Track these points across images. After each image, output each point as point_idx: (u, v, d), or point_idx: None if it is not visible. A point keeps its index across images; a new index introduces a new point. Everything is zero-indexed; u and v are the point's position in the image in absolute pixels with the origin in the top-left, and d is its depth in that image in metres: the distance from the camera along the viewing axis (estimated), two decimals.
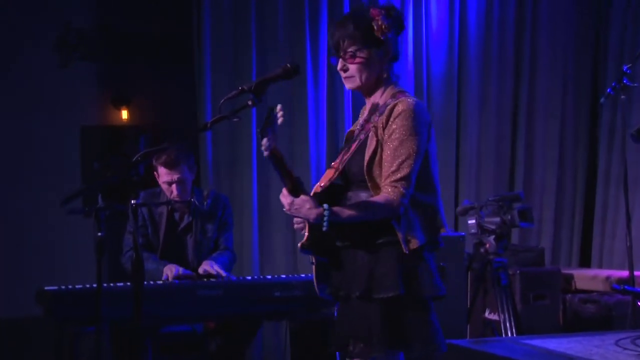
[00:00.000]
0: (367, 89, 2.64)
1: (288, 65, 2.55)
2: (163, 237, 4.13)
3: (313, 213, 2.43)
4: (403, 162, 2.48)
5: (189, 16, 5.74)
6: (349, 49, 2.56)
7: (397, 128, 2.50)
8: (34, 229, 6.05)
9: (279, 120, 2.41)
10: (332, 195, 2.57)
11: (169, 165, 4.00)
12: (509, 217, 4.41)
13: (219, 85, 5.56)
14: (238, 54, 5.63)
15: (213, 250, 4.19)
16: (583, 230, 6.38)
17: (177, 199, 4.03)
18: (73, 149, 6.26)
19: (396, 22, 2.61)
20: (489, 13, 6.16)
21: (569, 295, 5.27)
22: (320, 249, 2.58)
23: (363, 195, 2.53)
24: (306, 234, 2.53)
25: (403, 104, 2.51)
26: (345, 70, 2.59)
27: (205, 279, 3.90)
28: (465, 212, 4.61)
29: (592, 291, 5.29)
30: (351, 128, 2.75)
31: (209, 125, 2.54)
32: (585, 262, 6.32)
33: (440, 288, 2.57)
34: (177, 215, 4.18)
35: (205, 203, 4.12)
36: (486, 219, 4.47)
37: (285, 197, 2.47)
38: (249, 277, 4.33)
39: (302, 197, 2.45)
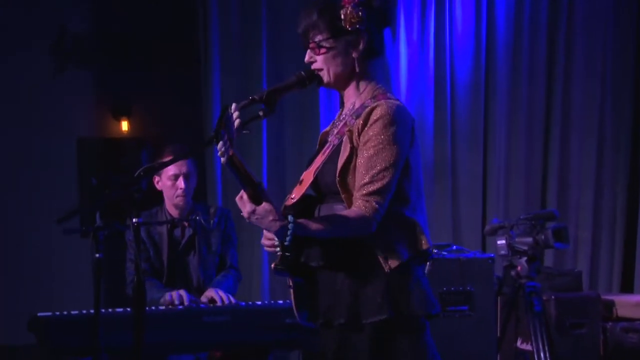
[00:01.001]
0: (339, 84, 2.56)
1: (303, 73, 2.53)
2: (167, 258, 4.17)
3: (276, 225, 2.34)
4: (378, 173, 2.39)
5: (195, 17, 5.78)
6: (314, 39, 2.51)
7: (373, 135, 2.41)
8: (27, 250, 6.08)
9: (236, 123, 2.35)
10: (305, 209, 2.49)
11: (180, 156, 4.06)
12: (542, 237, 4.39)
13: (228, 94, 5.59)
14: (248, 58, 5.66)
15: (219, 267, 4.23)
16: (624, 251, 6.32)
17: (181, 196, 4.11)
18: (69, 164, 6.29)
19: (376, 14, 2.51)
20: (519, 13, 6.15)
21: (610, 323, 5.21)
22: (297, 269, 2.50)
23: (337, 209, 2.45)
24: (279, 253, 2.45)
25: (382, 108, 2.43)
26: (313, 62, 2.53)
27: (211, 304, 3.91)
28: (494, 232, 4.59)
29: (635, 319, 5.24)
30: (325, 129, 2.67)
31: (216, 138, 2.54)
32: (627, 287, 6.26)
33: (434, 305, 2.47)
34: (177, 232, 4.21)
35: (211, 222, 4.14)
36: (517, 239, 4.45)
37: (244, 204, 2.37)
38: (259, 302, 4.33)
39: (265, 205, 2.34)
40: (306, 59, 2.55)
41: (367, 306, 2.42)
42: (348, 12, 2.47)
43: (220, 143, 2.28)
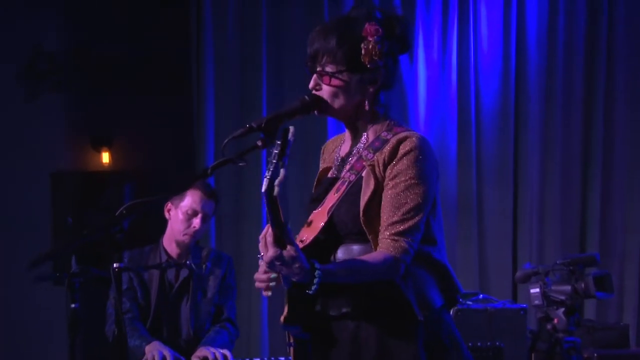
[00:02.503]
0: (344, 116, 2.61)
1: (307, 97, 2.56)
2: (155, 301, 4.17)
3: (302, 272, 2.34)
4: (408, 211, 2.45)
5: (187, 36, 5.82)
6: (326, 68, 2.54)
7: (404, 169, 2.47)
8: None
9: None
10: (316, 253, 2.49)
11: (207, 192, 4.17)
12: (582, 284, 4.37)
13: (223, 121, 5.61)
14: (246, 81, 5.70)
15: (214, 318, 4.22)
16: None
17: (190, 235, 4.15)
18: (42, 201, 6.29)
19: (398, 43, 2.57)
20: (553, 34, 6.19)
21: None
22: (309, 321, 2.51)
23: (357, 251, 2.51)
24: (286, 305, 2.47)
25: (411, 141, 2.50)
26: (318, 89, 2.57)
27: None
28: (527, 279, 4.57)
29: None
30: (323, 166, 2.72)
31: (209, 170, 2.54)
32: None
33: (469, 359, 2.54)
34: (170, 273, 4.23)
35: (204, 266, 4.16)
36: (553, 288, 4.43)
37: (268, 247, 2.34)
38: (257, 359, 4.32)
39: (290, 249, 2.33)
40: (311, 84, 2.59)
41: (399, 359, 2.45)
42: (370, 46, 2.52)
43: (283, 171, 2.33)
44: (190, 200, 4.16)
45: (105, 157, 6.54)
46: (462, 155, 6.06)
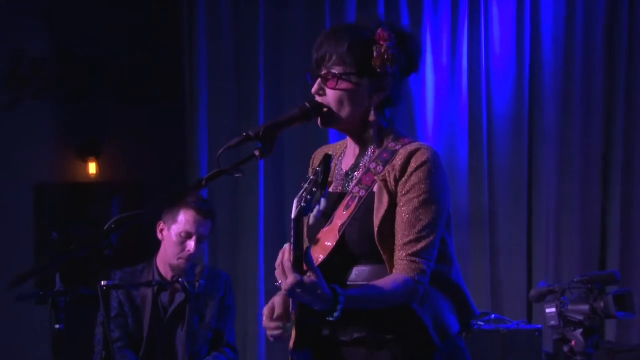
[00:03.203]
0: (347, 126, 2.62)
1: (307, 104, 2.57)
2: (148, 327, 4.15)
3: (324, 299, 2.34)
4: (424, 228, 2.48)
5: (179, 40, 5.83)
6: (333, 69, 2.56)
7: (416, 183, 2.50)
8: None
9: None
10: (326, 275, 2.47)
11: (202, 211, 4.11)
12: (602, 304, 4.37)
13: (217, 130, 5.62)
14: (242, 88, 5.70)
15: (212, 343, 4.20)
16: None
17: (184, 259, 4.09)
18: (24, 214, 6.31)
19: (409, 56, 2.61)
20: (570, 34, 6.19)
21: None
22: (316, 346, 2.51)
23: (371, 272, 2.52)
24: (293, 329, 2.47)
25: (423, 152, 2.52)
26: (321, 94, 2.58)
27: None
28: (542, 297, 4.57)
29: None
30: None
31: (203, 182, 2.54)
32: None
33: None
34: (165, 297, 4.20)
35: (197, 284, 4.13)
36: (570, 307, 4.43)
37: (287, 273, 2.33)
38: None
39: (312, 276, 2.33)
40: (314, 88, 2.59)
41: None
42: (382, 50, 2.55)
43: (324, 200, 2.35)
44: (183, 221, 4.10)
45: (92, 168, 6.55)
46: (473, 165, 6.06)
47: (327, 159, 2.39)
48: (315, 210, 2.36)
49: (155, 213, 3.92)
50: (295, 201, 2.39)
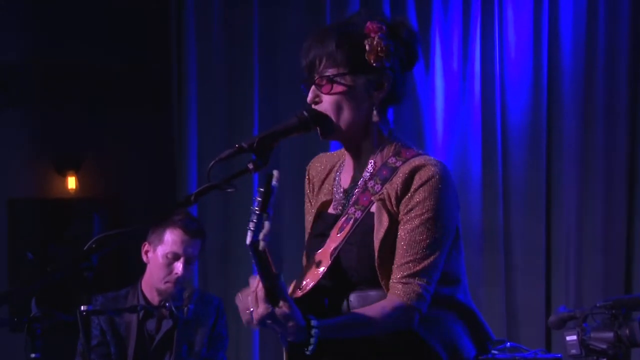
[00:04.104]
0: (349, 136, 2.60)
1: (305, 113, 2.57)
2: (132, 357, 4.14)
3: (298, 331, 2.36)
4: (424, 248, 2.46)
5: (166, 44, 5.83)
6: (326, 72, 2.55)
7: (422, 200, 2.48)
8: None
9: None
10: (318, 302, 2.53)
11: (190, 231, 4.10)
12: (627, 331, 4.36)
13: (208, 141, 5.63)
14: (235, 97, 5.71)
15: None
16: None
17: (172, 283, 4.08)
18: None
19: (405, 47, 2.59)
20: (592, 38, 6.19)
21: None
22: None
23: (374, 297, 2.50)
24: (285, 353, 2.49)
25: (428, 169, 2.50)
26: (318, 102, 2.57)
27: None
28: (562, 324, 4.57)
29: None
30: (321, 199, 2.71)
31: (193, 198, 2.54)
32: None
33: None
34: (151, 324, 4.19)
35: (186, 310, 4.13)
36: (593, 334, 4.42)
37: (258, 303, 2.36)
38: None
39: (284, 306, 2.35)
40: (309, 97, 2.59)
41: None
42: (374, 42, 2.53)
43: (268, 224, 2.34)
44: (170, 241, 4.10)
45: (72, 182, 6.55)
46: (487, 180, 6.06)
47: (268, 178, 2.37)
48: (261, 235, 2.35)
49: (140, 232, 3.92)
50: (248, 226, 2.39)
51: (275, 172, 2.39)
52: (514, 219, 6.13)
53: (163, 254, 4.11)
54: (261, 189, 2.38)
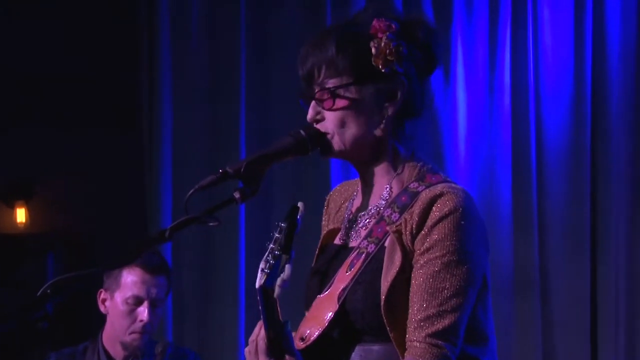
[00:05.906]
0: (358, 155, 2.60)
1: (302, 132, 2.57)
2: None
3: None
4: (447, 300, 2.44)
5: (136, 52, 5.84)
6: (327, 84, 2.54)
7: (441, 239, 2.46)
8: None
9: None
10: (323, 354, 2.55)
11: (150, 268, 4.09)
12: None
13: (185, 165, 5.63)
14: (218, 112, 5.72)
15: None
16: None
17: (139, 333, 4.08)
18: None
19: (421, 49, 2.58)
20: None
21: None
22: None
23: (379, 354, 2.51)
24: None
25: (449, 199, 2.48)
26: (319, 120, 2.57)
27: None
28: None
29: None
30: (329, 226, 2.74)
31: (167, 233, 2.54)
32: None
33: None
34: None
35: None
36: None
37: (260, 357, 2.43)
38: None
39: (288, 359, 2.42)
40: (309, 115, 2.59)
41: None
42: (382, 44, 2.52)
43: (289, 267, 2.39)
44: (129, 283, 4.09)
45: (21, 215, 6.56)
46: (519, 213, 6.06)
47: (292, 212, 2.40)
48: (279, 280, 2.38)
49: (103, 274, 3.92)
50: (260, 265, 2.41)
51: (300, 205, 2.43)
52: (552, 259, 6.12)
53: (123, 299, 4.10)
54: (282, 224, 2.41)
